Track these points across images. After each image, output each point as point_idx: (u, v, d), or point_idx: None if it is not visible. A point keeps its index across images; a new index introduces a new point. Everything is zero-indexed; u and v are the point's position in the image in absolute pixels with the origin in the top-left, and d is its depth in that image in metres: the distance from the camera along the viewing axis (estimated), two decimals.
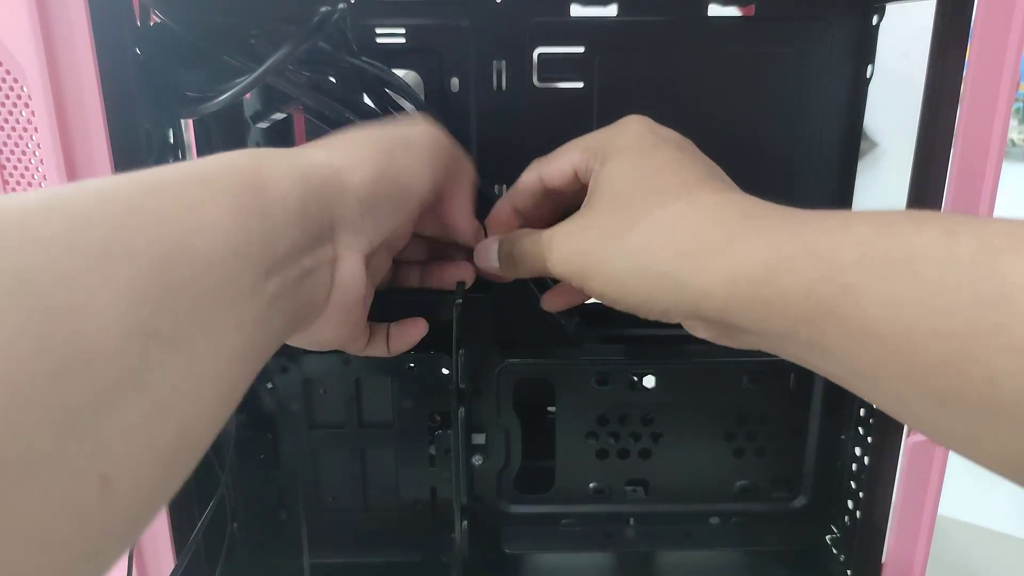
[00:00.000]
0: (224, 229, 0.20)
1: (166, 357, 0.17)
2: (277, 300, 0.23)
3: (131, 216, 0.18)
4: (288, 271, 0.23)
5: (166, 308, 0.17)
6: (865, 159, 1.02)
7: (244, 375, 0.21)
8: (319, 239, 0.25)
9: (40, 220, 0.16)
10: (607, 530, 0.42)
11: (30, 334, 0.14)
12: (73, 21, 0.29)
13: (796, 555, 0.42)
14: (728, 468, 0.41)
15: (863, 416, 0.38)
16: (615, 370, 0.39)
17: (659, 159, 0.29)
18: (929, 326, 0.19)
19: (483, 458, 0.40)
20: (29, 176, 0.32)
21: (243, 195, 0.22)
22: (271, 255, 0.22)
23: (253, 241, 0.21)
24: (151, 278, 0.17)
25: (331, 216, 0.26)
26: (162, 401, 0.17)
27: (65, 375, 0.14)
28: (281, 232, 0.23)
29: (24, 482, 0.13)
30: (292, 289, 0.24)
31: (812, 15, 0.38)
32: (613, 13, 0.38)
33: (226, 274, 0.20)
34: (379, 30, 0.39)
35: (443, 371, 0.38)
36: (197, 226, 0.19)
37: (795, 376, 0.40)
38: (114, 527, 0.16)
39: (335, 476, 0.41)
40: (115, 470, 0.15)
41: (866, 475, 0.37)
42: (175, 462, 0.18)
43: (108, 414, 0.15)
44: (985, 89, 0.29)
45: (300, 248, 0.24)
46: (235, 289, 0.20)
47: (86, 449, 0.15)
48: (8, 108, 0.31)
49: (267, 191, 0.23)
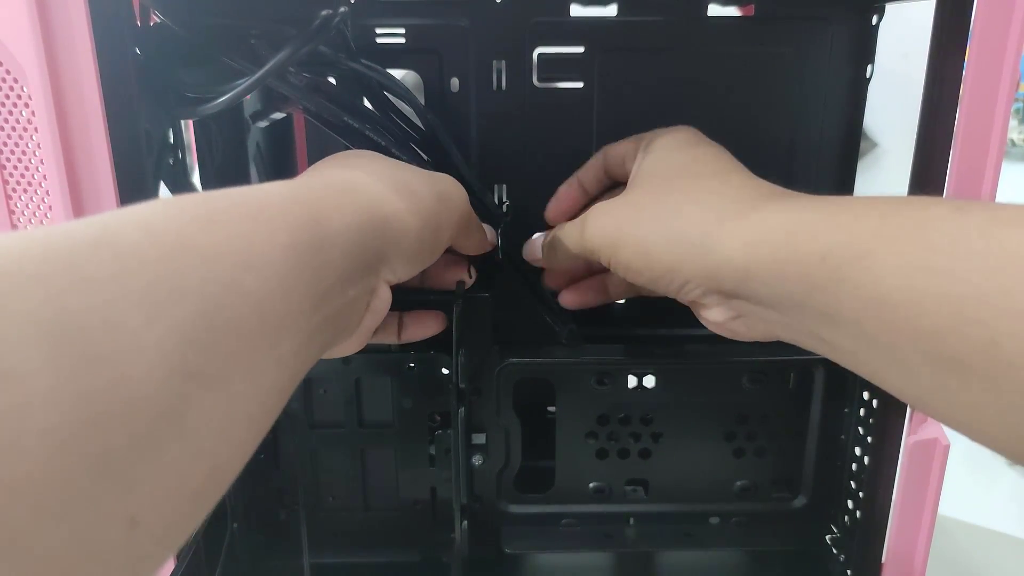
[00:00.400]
0: (276, 268, 0.20)
1: (205, 397, 0.17)
2: (318, 331, 0.23)
3: (181, 255, 0.17)
4: (334, 301, 0.24)
5: (210, 349, 0.17)
6: (865, 159, 1.02)
7: (277, 407, 0.21)
8: (366, 271, 0.26)
9: (87, 258, 0.16)
10: (607, 530, 0.41)
11: (73, 382, 0.14)
12: (73, 21, 0.29)
13: (796, 555, 0.42)
14: (728, 468, 0.41)
15: (863, 416, 0.38)
16: (615, 370, 0.39)
17: (698, 153, 0.31)
18: (938, 290, 0.20)
19: (483, 458, 0.40)
20: (29, 176, 0.32)
21: (299, 231, 0.22)
22: (320, 289, 0.22)
23: (304, 277, 0.21)
24: (197, 319, 0.17)
25: (383, 253, 0.27)
26: (198, 441, 0.17)
27: (104, 422, 0.14)
28: (335, 266, 0.23)
29: (54, 525, 0.13)
30: (333, 319, 0.24)
31: (812, 15, 0.38)
32: (613, 13, 0.38)
33: (274, 313, 0.20)
34: (379, 30, 0.39)
35: (443, 371, 0.38)
36: (248, 264, 0.19)
37: (795, 376, 0.40)
38: (136, 566, 0.16)
39: (335, 476, 0.41)
40: (144, 511, 0.15)
41: (866, 475, 0.37)
42: (203, 499, 0.18)
43: (143, 457, 0.15)
44: (985, 89, 0.29)
45: (348, 280, 0.24)
46: (281, 327, 0.20)
47: (118, 491, 0.14)
48: (8, 108, 0.31)
49: (324, 224, 0.23)
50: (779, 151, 0.40)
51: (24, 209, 0.32)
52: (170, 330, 0.16)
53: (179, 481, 0.16)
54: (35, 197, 0.32)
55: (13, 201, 0.32)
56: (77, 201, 0.31)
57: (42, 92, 0.29)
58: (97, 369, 0.14)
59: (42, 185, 0.31)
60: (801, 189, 0.41)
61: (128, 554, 0.15)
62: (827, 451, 0.40)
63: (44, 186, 0.31)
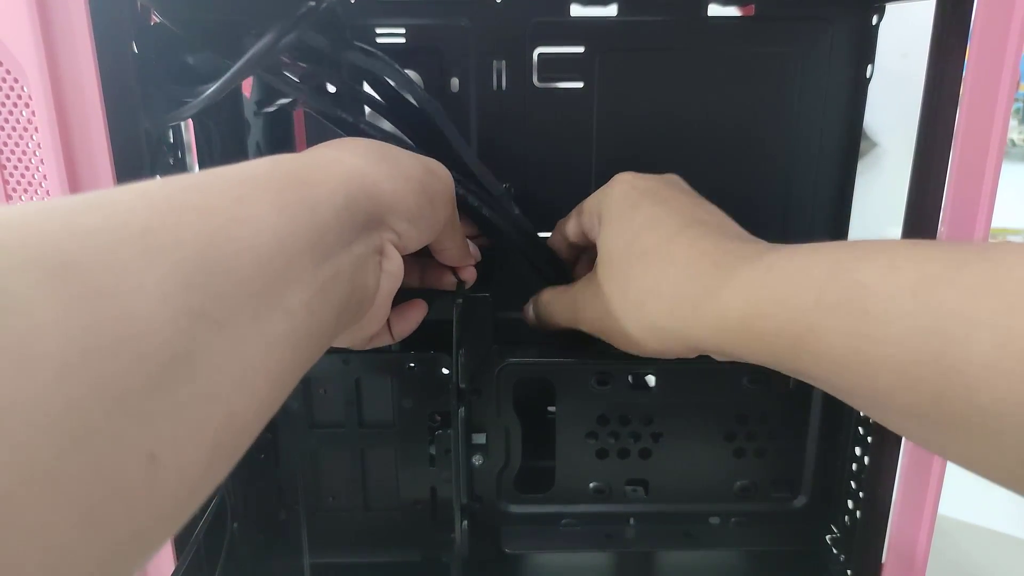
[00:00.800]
0: (268, 222, 0.21)
1: (213, 339, 0.17)
2: (329, 287, 0.23)
3: (174, 209, 0.18)
4: (340, 258, 0.24)
5: (212, 291, 0.18)
6: (865, 159, 1.02)
7: (295, 364, 0.21)
8: (367, 229, 0.26)
9: (83, 213, 0.16)
10: (607, 530, 0.41)
11: (78, 312, 0.14)
12: (73, 21, 0.29)
13: (796, 555, 0.42)
14: (728, 468, 0.41)
15: (863, 416, 0.38)
16: (615, 370, 0.39)
17: (639, 220, 0.32)
18: (881, 354, 0.21)
19: (483, 458, 0.40)
20: (29, 176, 0.32)
21: (287, 190, 0.22)
22: (321, 244, 0.23)
23: (299, 233, 0.22)
24: (197, 262, 0.17)
25: (377, 215, 0.27)
26: (209, 383, 0.17)
27: (114, 352, 0.14)
28: (331, 223, 0.24)
29: (74, 455, 0.13)
30: (345, 276, 0.24)
31: (812, 15, 0.38)
32: (613, 13, 0.38)
33: (272, 263, 0.20)
34: (379, 30, 0.39)
35: (443, 371, 0.38)
36: (240, 218, 0.20)
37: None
38: (161, 507, 0.16)
39: (335, 476, 0.41)
40: (162, 449, 0.15)
41: (866, 475, 0.37)
42: (222, 446, 0.18)
43: (156, 392, 0.15)
44: (985, 89, 0.29)
45: (347, 237, 0.25)
46: (282, 277, 0.21)
47: (134, 426, 0.15)
48: (8, 108, 0.31)
49: (314, 186, 0.24)
50: (779, 151, 0.40)
51: None
52: (171, 271, 0.17)
53: (196, 423, 0.16)
54: (35, 197, 0.32)
55: (13, 201, 0.32)
56: None
57: (42, 92, 0.29)
58: (102, 304, 0.15)
59: (42, 185, 0.31)
60: (801, 189, 0.41)
61: (151, 492, 0.15)
62: (827, 451, 0.40)
63: (44, 186, 0.31)
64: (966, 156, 0.30)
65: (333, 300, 0.24)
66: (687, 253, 0.29)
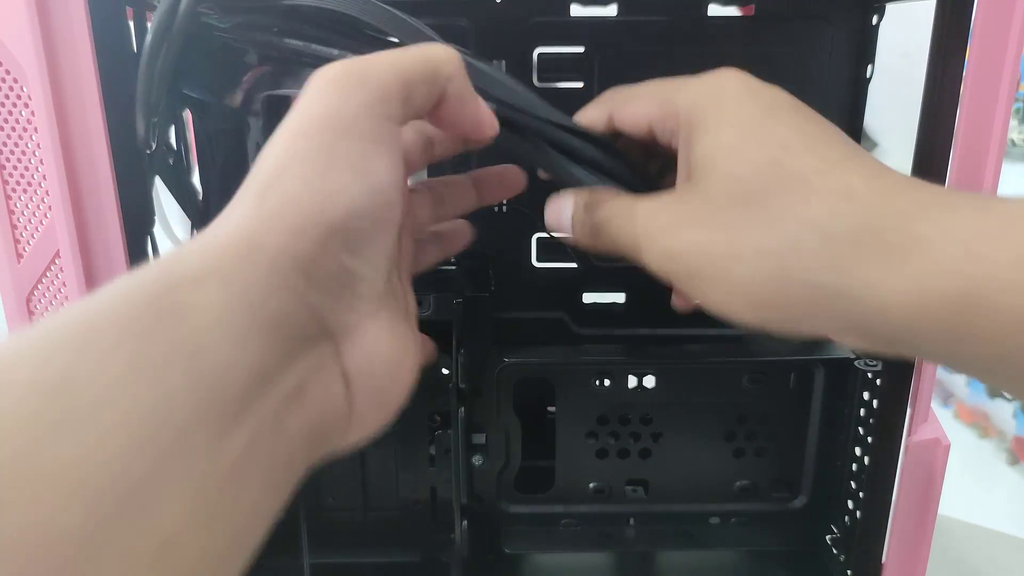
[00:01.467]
0: (120, 408, 0.15)
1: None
2: (255, 451, 0.18)
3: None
4: (266, 401, 0.18)
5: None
6: None
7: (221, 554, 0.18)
8: (319, 315, 0.20)
9: None
10: (607, 530, 0.41)
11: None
12: (73, 21, 0.29)
13: (796, 555, 0.42)
14: (728, 468, 0.41)
15: (863, 416, 0.38)
16: (615, 370, 0.39)
17: (780, 134, 0.23)
18: None
19: (483, 458, 0.40)
20: (29, 176, 0.32)
21: (143, 337, 0.16)
22: (219, 401, 0.17)
23: (176, 398, 0.15)
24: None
25: (336, 270, 0.20)
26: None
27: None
28: (230, 360, 0.17)
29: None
30: (286, 418, 0.19)
31: (812, 15, 0.38)
32: (613, 13, 0.38)
33: (131, 469, 0.14)
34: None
35: (443, 371, 0.38)
36: (73, 407, 0.14)
37: (795, 376, 0.40)
38: None
39: (335, 476, 0.41)
40: None
41: (866, 475, 0.37)
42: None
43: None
44: (985, 89, 0.29)
45: (282, 359, 0.19)
46: (151, 487, 0.15)
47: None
48: (8, 108, 0.31)
49: (189, 314, 0.17)
50: None
51: (24, 209, 0.32)
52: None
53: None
54: (35, 197, 0.32)
55: (13, 201, 0.32)
56: (77, 201, 0.31)
57: (42, 92, 0.29)
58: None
59: (42, 185, 0.31)
60: None
61: None
62: (827, 451, 0.40)
63: (44, 186, 0.31)
64: (966, 156, 0.30)
65: (268, 461, 0.18)
66: (869, 187, 0.21)
